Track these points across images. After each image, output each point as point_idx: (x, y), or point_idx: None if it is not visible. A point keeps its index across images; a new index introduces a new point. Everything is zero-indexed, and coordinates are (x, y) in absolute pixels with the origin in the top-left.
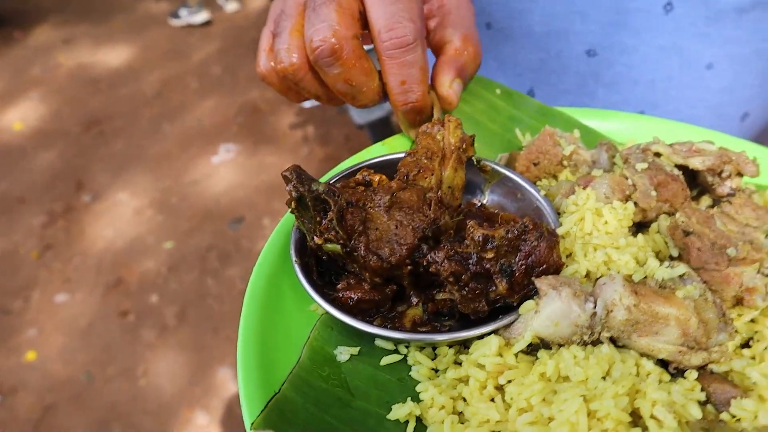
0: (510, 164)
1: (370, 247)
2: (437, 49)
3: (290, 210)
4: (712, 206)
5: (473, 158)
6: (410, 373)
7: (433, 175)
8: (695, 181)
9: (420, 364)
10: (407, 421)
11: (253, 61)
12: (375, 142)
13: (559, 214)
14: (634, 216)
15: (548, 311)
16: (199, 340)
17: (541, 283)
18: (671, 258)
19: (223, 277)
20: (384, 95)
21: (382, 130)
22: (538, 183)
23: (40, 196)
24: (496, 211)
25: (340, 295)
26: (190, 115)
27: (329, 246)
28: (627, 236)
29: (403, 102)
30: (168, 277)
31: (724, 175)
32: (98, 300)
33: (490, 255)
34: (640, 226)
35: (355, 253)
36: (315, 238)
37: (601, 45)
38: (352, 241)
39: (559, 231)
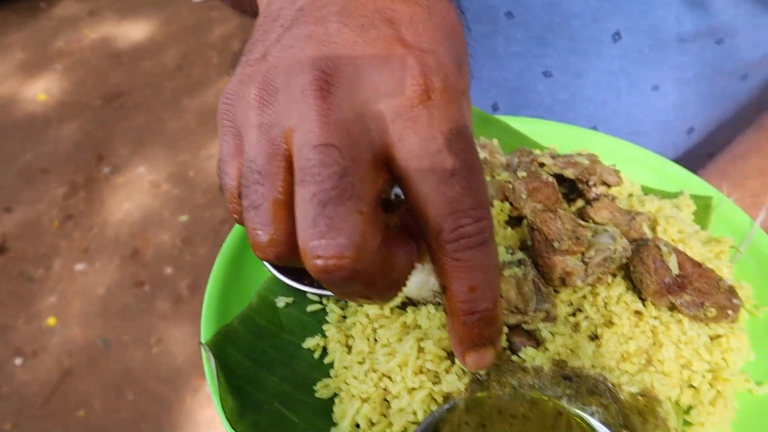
0: None
1: None
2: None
3: None
4: (581, 213)
5: None
6: (326, 317)
7: None
8: (572, 185)
9: (333, 312)
10: (316, 350)
11: None
12: None
13: None
14: (510, 212)
15: (415, 280)
16: None
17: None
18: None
19: None
20: None
21: None
22: None
23: (62, 167)
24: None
25: None
26: (209, 89)
27: None
28: (503, 228)
29: (469, 311)
30: (182, 249)
31: (590, 183)
32: (115, 270)
33: None
34: (519, 220)
35: None
36: None
37: (557, 68)
38: None
39: None
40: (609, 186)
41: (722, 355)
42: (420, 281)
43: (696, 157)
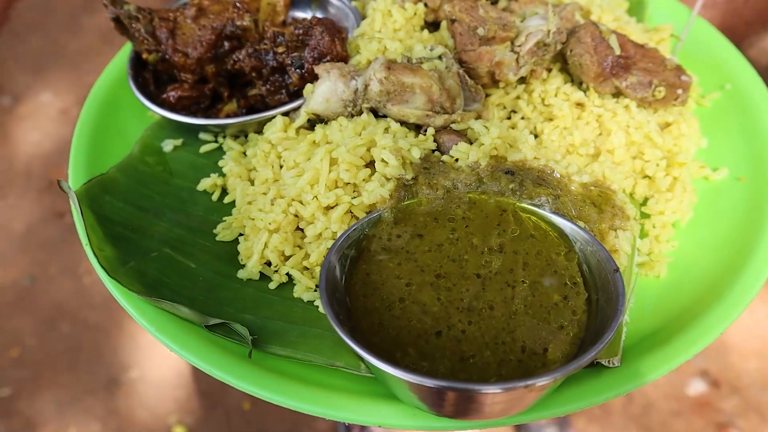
0: None
1: (177, 47)
2: None
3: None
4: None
5: None
6: (223, 157)
7: None
8: None
9: (232, 149)
10: (214, 192)
11: None
12: None
13: (363, 17)
14: (426, 16)
15: (320, 90)
16: None
17: (318, 68)
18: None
19: None
20: None
21: None
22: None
23: None
24: (304, 18)
25: (165, 96)
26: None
27: (151, 57)
28: (418, 32)
29: None
30: None
31: None
32: (32, 203)
33: (281, 49)
34: (437, 26)
35: (167, 56)
36: (143, 53)
37: None
38: (162, 47)
39: (356, 32)
40: None
41: (674, 142)
42: (327, 90)
43: None
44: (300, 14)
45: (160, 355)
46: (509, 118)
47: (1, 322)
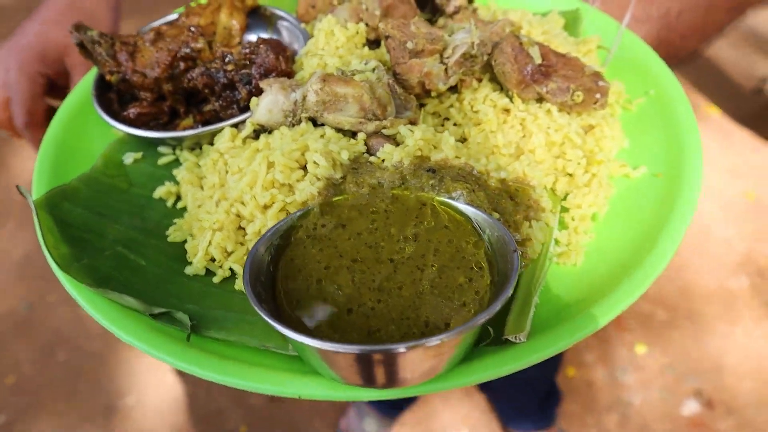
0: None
1: (136, 69)
2: None
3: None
4: (444, 24)
5: (262, 6)
6: (179, 167)
7: (200, 17)
8: (433, 4)
9: (187, 160)
10: (169, 199)
11: None
12: None
13: (311, 37)
14: (367, 34)
15: (264, 102)
16: None
17: (263, 83)
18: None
19: None
20: None
21: None
22: (314, 21)
23: None
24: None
25: (126, 113)
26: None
27: (113, 77)
28: (359, 49)
29: None
30: None
31: None
32: (31, 232)
33: (231, 67)
34: (378, 43)
35: (127, 77)
36: (106, 75)
37: None
38: (123, 68)
39: (301, 51)
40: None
41: (596, 143)
42: (269, 103)
43: None
44: (255, 38)
45: (156, 382)
46: (442, 125)
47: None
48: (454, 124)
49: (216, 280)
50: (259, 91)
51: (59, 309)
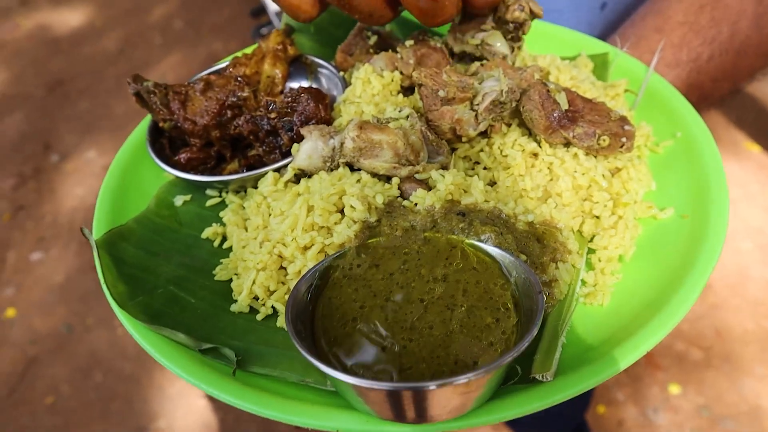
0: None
1: (186, 117)
2: None
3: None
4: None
5: (303, 55)
6: (225, 208)
7: (246, 67)
8: (468, 55)
9: (232, 202)
10: (216, 239)
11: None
12: None
13: (348, 85)
14: (402, 81)
15: (304, 148)
16: None
17: (303, 130)
18: None
19: None
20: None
21: None
22: (352, 68)
23: (9, 159)
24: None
25: (177, 158)
26: (154, 71)
27: (166, 124)
28: (394, 97)
29: None
30: None
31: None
32: (73, 256)
33: (274, 115)
34: (412, 90)
35: (179, 124)
36: (159, 122)
37: None
38: (175, 116)
39: (340, 98)
40: (534, 16)
41: (623, 185)
42: (309, 149)
43: (612, 33)
44: (296, 85)
45: (187, 407)
46: (473, 168)
47: (40, 369)
48: (484, 168)
49: (259, 317)
50: (300, 137)
51: (97, 331)
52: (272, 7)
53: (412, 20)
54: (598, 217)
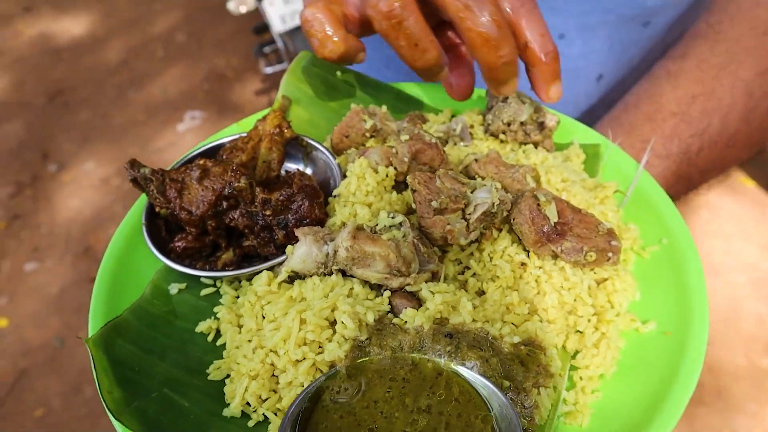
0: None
1: (183, 206)
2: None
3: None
4: (467, 171)
5: (299, 137)
6: (220, 300)
7: (244, 153)
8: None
9: (227, 294)
10: (210, 333)
11: (217, 27)
12: None
13: (345, 176)
14: (397, 177)
15: (298, 252)
16: None
17: (298, 232)
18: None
19: None
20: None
21: None
22: (348, 151)
23: (6, 167)
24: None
25: (172, 245)
26: (155, 83)
27: (162, 211)
28: (388, 193)
29: (546, 50)
30: None
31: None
32: (68, 267)
33: (269, 212)
34: (406, 185)
35: (175, 213)
36: (156, 208)
37: None
38: (171, 204)
39: (335, 192)
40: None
41: (608, 298)
42: (303, 253)
43: (608, 104)
44: (293, 166)
45: None
46: (463, 273)
47: (31, 382)
48: (473, 275)
49: (251, 423)
50: (294, 235)
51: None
52: (276, 28)
53: (407, 97)
54: (581, 332)
